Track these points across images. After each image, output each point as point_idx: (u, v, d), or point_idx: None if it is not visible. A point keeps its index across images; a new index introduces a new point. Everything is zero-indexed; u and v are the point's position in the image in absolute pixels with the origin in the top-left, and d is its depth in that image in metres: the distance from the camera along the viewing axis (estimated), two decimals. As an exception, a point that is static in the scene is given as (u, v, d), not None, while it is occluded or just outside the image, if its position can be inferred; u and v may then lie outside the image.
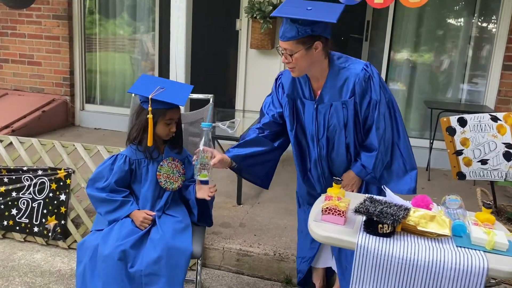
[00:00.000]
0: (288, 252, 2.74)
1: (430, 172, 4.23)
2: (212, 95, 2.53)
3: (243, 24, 4.81)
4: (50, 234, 2.95)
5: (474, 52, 4.51)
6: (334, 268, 2.34)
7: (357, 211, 1.57)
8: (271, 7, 4.41)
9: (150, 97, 1.98)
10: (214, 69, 5.24)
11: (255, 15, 4.47)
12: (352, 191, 2.10)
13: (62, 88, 5.37)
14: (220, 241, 2.84)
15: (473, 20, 4.48)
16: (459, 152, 2.65)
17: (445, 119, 2.64)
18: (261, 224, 3.09)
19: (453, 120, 2.62)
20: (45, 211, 2.96)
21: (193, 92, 3.28)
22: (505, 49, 4.17)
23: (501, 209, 2.66)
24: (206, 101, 2.63)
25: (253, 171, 2.27)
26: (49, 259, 2.85)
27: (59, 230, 2.95)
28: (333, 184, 1.90)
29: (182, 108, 3.33)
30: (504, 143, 2.47)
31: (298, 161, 2.22)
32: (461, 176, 2.70)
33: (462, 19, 4.57)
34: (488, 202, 1.73)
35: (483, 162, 2.58)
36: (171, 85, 2.15)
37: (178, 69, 2.97)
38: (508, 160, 2.48)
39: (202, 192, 2.08)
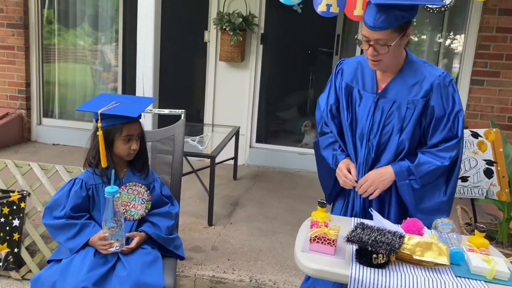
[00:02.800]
0: (265, 278, 2.58)
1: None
2: (183, 110, 2.35)
3: (211, 36, 4.66)
4: (0, 264, 2.65)
5: (443, 67, 4.54)
6: None
7: (349, 240, 1.44)
8: (240, 19, 4.29)
9: (99, 112, 1.79)
10: (181, 81, 5.06)
11: (224, 27, 4.33)
12: (369, 194, 1.81)
13: (17, 101, 5.02)
14: (191, 267, 2.64)
15: (441, 36, 4.53)
16: (439, 169, 2.58)
17: (424, 135, 2.56)
18: (234, 247, 2.91)
19: (433, 136, 2.55)
20: (-5, 238, 2.67)
21: (161, 107, 3.10)
22: (473, 64, 4.21)
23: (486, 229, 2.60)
24: (176, 117, 2.46)
25: None
26: (0, 293, 2.56)
27: (11, 259, 2.66)
28: (318, 207, 1.77)
29: (149, 125, 3.14)
30: (484, 160, 2.42)
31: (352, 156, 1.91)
32: (441, 193, 2.62)
33: (430, 35, 4.61)
34: (482, 226, 1.64)
35: (464, 179, 2.52)
36: (129, 100, 1.96)
37: (146, 83, 2.77)
38: (489, 177, 2.43)
39: None
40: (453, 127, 1.74)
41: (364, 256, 1.44)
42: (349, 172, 1.85)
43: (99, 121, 1.78)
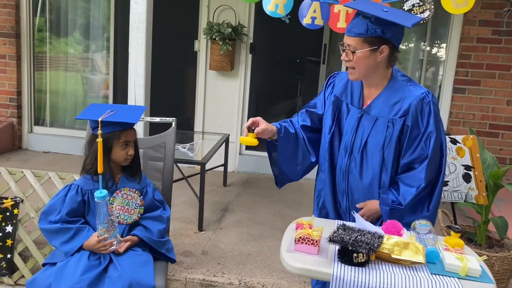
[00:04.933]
0: (253, 281, 2.65)
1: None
2: (174, 118, 2.44)
3: (201, 45, 4.76)
4: (-7, 269, 2.70)
5: (426, 76, 4.69)
6: None
7: (331, 240, 1.52)
8: (230, 29, 4.40)
9: (100, 119, 1.87)
10: (172, 90, 5.14)
11: (214, 37, 4.43)
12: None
13: (8, 109, 5.06)
14: (182, 271, 2.70)
15: (424, 45, 4.68)
16: (421, 174, 2.68)
17: (406, 142, 2.67)
18: (224, 252, 2.99)
19: (414, 142, 2.65)
20: (-12, 244, 2.71)
21: (152, 115, 3.17)
22: (455, 72, 4.36)
23: (461, 229, 2.71)
24: (167, 125, 2.53)
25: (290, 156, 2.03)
26: (-7, 298, 2.60)
27: (4, 265, 2.70)
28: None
29: (141, 133, 3.21)
30: (463, 165, 2.53)
31: (329, 170, 1.98)
32: (422, 197, 2.72)
33: (414, 44, 4.76)
34: (457, 227, 1.74)
35: (444, 183, 2.62)
36: (122, 108, 2.05)
37: (137, 92, 2.85)
38: (467, 182, 2.54)
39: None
40: (424, 147, 1.79)
41: (346, 256, 1.52)
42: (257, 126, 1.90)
43: (99, 128, 1.86)
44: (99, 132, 1.84)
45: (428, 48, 4.70)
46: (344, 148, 1.93)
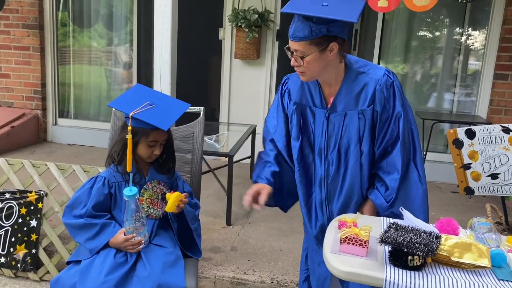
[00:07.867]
0: (286, 279, 2.50)
1: (424, 185, 4.07)
2: (202, 107, 2.30)
3: (226, 33, 4.60)
4: (19, 265, 2.63)
5: (465, 62, 4.42)
6: None
7: (383, 241, 1.36)
8: (256, 15, 4.23)
9: (130, 115, 1.73)
10: (196, 80, 5.01)
11: (239, 24, 4.27)
12: None
13: (33, 101, 5.03)
14: (211, 268, 2.58)
15: (463, 30, 4.40)
16: (467, 166, 2.48)
17: (451, 131, 2.47)
18: (254, 248, 2.85)
19: (461, 132, 2.45)
20: (13, 239, 2.64)
21: (178, 104, 3.04)
22: (496, 58, 4.09)
23: (512, 226, 2.50)
24: (193, 115, 2.40)
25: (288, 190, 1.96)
26: (18, 294, 2.53)
27: (29, 260, 2.63)
28: None
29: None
30: (516, 156, 2.32)
31: (302, 180, 1.89)
32: (469, 191, 2.53)
33: (451, 29, 4.49)
34: (522, 225, 1.55)
35: (494, 176, 2.41)
36: (164, 102, 1.86)
37: (163, 80, 2.72)
38: (522, 174, 2.32)
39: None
40: (394, 127, 1.73)
41: (399, 258, 1.35)
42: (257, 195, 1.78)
43: (129, 122, 1.73)
44: (129, 128, 1.71)
45: (466, 33, 4.41)
46: (318, 152, 1.83)
